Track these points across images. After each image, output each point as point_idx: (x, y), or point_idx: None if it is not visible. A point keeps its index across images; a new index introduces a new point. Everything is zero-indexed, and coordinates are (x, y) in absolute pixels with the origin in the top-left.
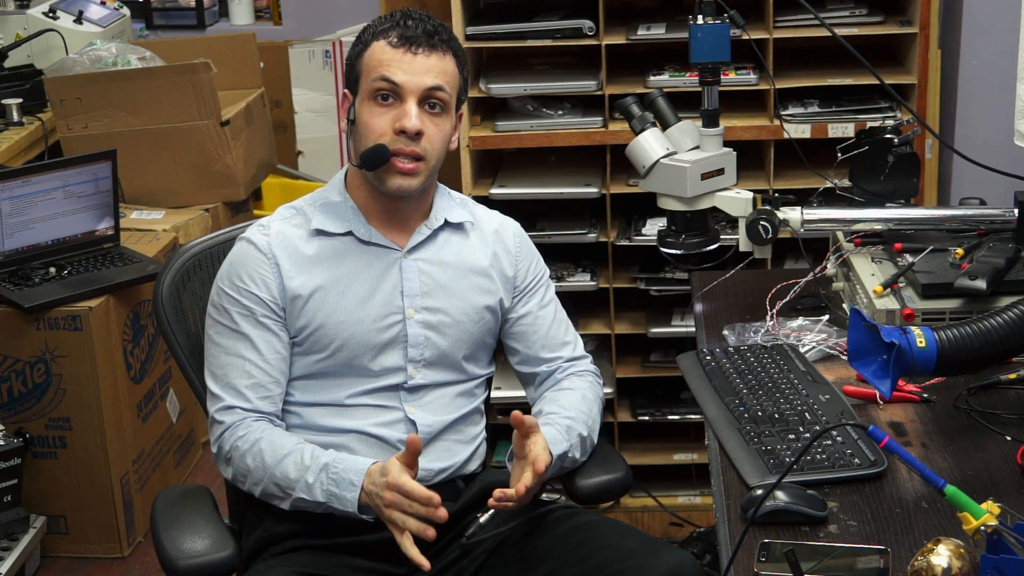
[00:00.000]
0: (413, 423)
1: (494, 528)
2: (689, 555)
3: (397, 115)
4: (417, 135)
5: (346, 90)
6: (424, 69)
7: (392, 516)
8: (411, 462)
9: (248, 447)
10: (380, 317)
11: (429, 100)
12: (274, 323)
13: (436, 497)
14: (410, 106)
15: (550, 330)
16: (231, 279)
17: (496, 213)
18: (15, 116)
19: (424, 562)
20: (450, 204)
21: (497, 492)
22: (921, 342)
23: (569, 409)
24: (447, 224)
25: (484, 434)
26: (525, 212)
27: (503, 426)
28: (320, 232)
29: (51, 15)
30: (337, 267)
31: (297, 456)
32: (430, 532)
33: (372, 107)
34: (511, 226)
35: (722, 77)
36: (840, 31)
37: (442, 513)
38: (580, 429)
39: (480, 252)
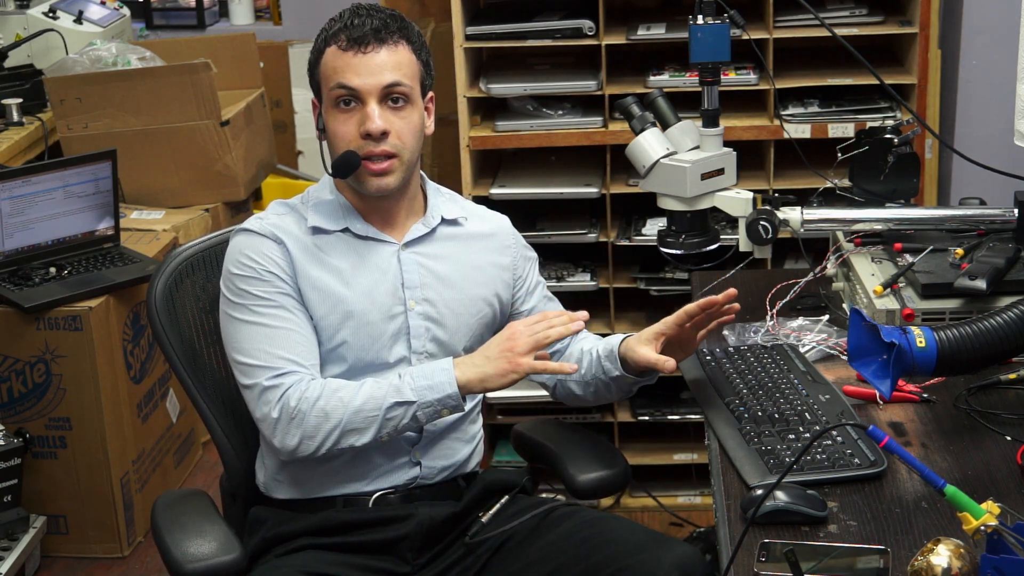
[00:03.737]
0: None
1: (497, 527)
2: (695, 550)
3: (360, 119)
4: (383, 135)
5: (314, 98)
6: (378, 67)
7: (526, 344)
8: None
9: (319, 392)
10: (384, 308)
11: (390, 96)
12: (296, 294)
13: (575, 315)
14: (371, 108)
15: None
16: (242, 263)
17: (484, 208)
18: (15, 116)
19: (571, 367)
20: (442, 200)
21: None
22: (921, 342)
23: (598, 339)
24: (442, 221)
25: (482, 433)
26: (525, 212)
27: (503, 426)
28: (317, 230)
29: (51, 15)
30: (338, 260)
31: (371, 381)
32: (573, 366)
33: (336, 114)
34: (503, 221)
35: (722, 77)
36: (840, 31)
37: (582, 314)
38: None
39: (476, 246)
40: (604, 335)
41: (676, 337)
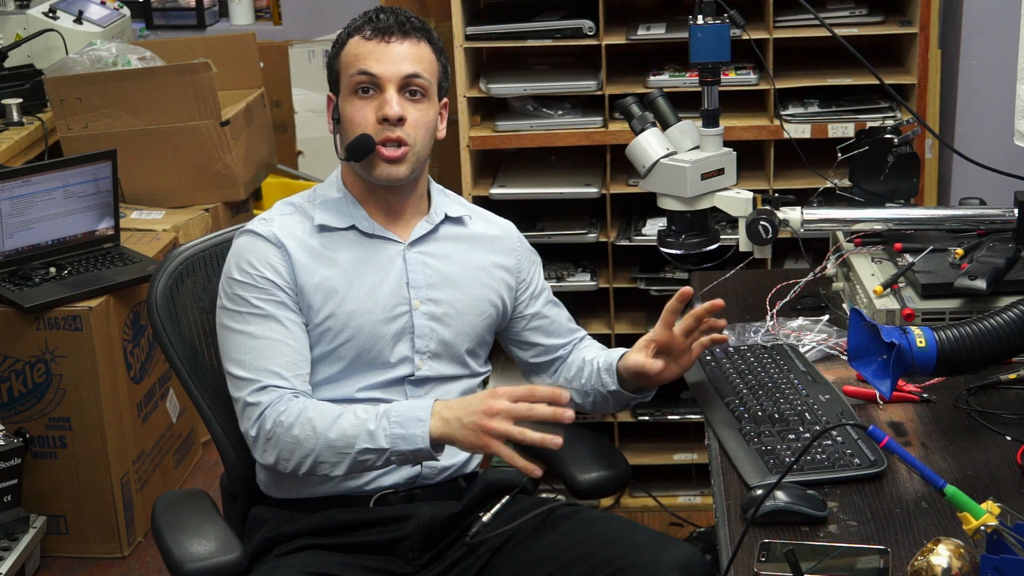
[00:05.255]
0: None
1: (498, 527)
2: (695, 550)
3: (378, 104)
4: (400, 121)
5: (329, 93)
6: (400, 57)
7: (499, 429)
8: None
9: (294, 419)
10: (388, 308)
11: (409, 87)
12: (293, 303)
13: (564, 392)
14: (390, 94)
15: (560, 318)
16: (241, 267)
17: (490, 212)
18: (15, 116)
19: (536, 469)
20: (447, 200)
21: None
22: (921, 342)
23: (601, 350)
24: (447, 219)
25: None
26: (525, 212)
27: None
28: (323, 227)
29: (51, 15)
30: (343, 259)
31: (350, 414)
32: (558, 440)
33: (354, 101)
34: (509, 225)
35: (722, 77)
36: (840, 31)
37: (570, 414)
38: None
39: (481, 248)
40: (604, 335)
41: (668, 344)
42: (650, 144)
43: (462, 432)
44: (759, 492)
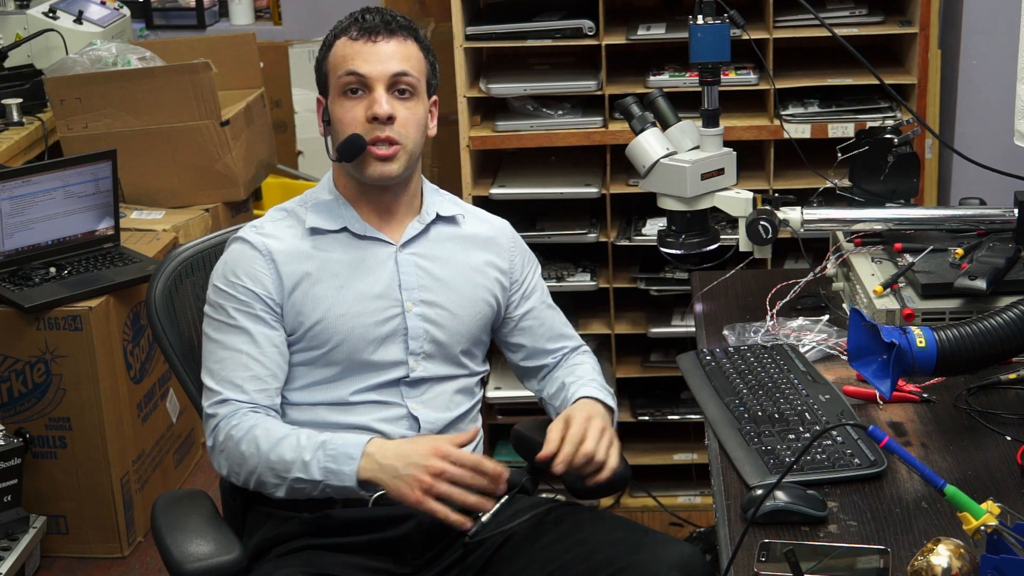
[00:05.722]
0: (416, 419)
1: (497, 527)
2: (695, 550)
3: (367, 104)
4: (389, 120)
5: (319, 96)
6: (387, 56)
7: (440, 490)
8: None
9: (242, 434)
10: (380, 310)
11: (397, 86)
12: (271, 317)
13: (505, 472)
14: (379, 93)
15: (553, 322)
16: (226, 276)
17: (484, 211)
18: (15, 116)
19: (467, 522)
20: (440, 199)
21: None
22: (921, 342)
23: (590, 372)
24: (439, 219)
25: (481, 433)
26: (525, 212)
27: (503, 426)
28: (315, 231)
29: (51, 15)
30: (334, 262)
31: (293, 439)
32: (488, 507)
33: (343, 102)
34: (502, 224)
35: (722, 77)
36: (840, 31)
37: (503, 488)
38: (606, 384)
39: (474, 247)
40: (604, 335)
41: None
42: (650, 144)
43: (394, 482)
44: (759, 492)
